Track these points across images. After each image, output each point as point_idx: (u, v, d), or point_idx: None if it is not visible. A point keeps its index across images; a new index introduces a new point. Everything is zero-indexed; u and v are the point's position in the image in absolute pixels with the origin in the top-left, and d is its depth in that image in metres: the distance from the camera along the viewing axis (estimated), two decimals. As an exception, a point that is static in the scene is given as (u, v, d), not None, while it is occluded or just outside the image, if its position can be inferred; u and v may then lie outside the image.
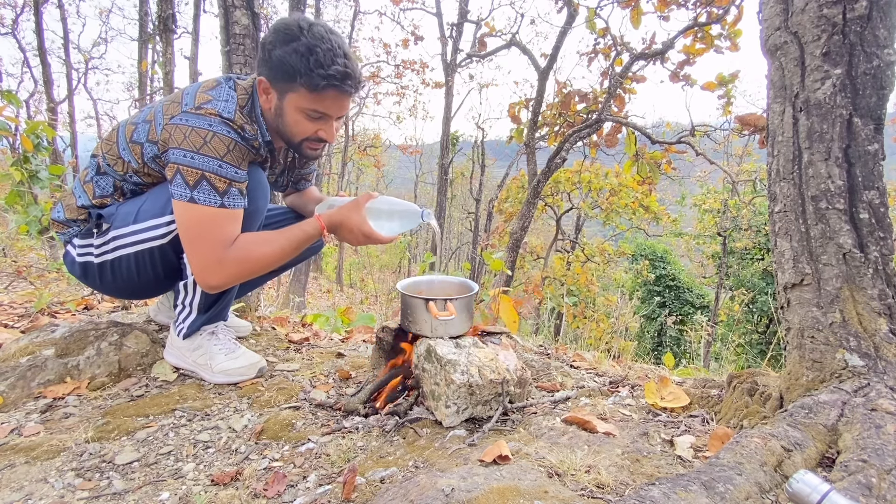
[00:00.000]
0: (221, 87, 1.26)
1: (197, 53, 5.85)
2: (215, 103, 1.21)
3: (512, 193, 12.07)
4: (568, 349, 2.21)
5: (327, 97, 1.22)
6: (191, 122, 1.19)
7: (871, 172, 1.03)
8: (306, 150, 1.35)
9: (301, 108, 1.24)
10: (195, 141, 1.18)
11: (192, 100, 1.22)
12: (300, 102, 1.23)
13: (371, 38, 32.49)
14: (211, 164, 1.18)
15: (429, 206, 8.52)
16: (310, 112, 1.24)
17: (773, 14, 1.14)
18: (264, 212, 1.41)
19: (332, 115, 1.28)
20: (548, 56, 5.26)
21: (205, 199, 1.19)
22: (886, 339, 1.00)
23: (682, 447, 1.04)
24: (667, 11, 3.97)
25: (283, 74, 1.20)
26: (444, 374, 1.21)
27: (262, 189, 1.36)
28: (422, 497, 0.79)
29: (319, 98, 1.22)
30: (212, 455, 1.11)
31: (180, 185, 1.19)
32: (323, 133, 1.30)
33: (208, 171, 1.18)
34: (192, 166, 1.18)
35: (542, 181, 4.56)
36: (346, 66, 1.19)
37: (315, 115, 1.25)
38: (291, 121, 1.27)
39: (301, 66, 1.16)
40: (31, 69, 12.44)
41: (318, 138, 1.31)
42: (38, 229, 2.29)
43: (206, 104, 1.20)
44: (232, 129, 1.20)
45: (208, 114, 1.19)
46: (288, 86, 1.22)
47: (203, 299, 1.41)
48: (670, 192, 14.97)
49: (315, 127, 1.28)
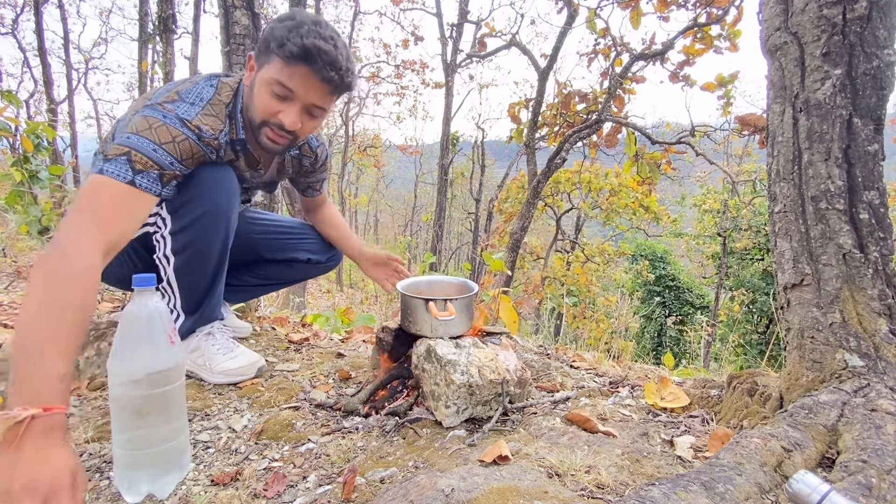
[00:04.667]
0: (196, 87, 1.21)
1: (197, 53, 5.85)
2: (178, 104, 1.17)
3: (512, 193, 12.08)
4: (568, 349, 2.21)
5: (297, 72, 1.13)
6: (146, 112, 1.13)
7: (871, 173, 1.03)
8: (264, 137, 1.23)
9: (268, 81, 1.16)
10: (140, 125, 1.11)
11: (160, 96, 1.18)
12: (270, 72, 1.15)
13: (371, 39, 32.56)
14: (144, 145, 1.09)
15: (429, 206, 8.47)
16: (275, 86, 1.15)
17: (773, 14, 1.14)
18: (229, 214, 1.31)
19: (298, 94, 1.17)
20: (548, 56, 5.26)
21: (114, 171, 1.05)
22: (886, 339, 1.00)
23: (682, 447, 1.04)
24: (666, 12, 3.97)
25: (265, 44, 1.15)
26: (444, 375, 1.21)
27: (224, 187, 1.28)
28: (422, 497, 0.79)
29: (289, 71, 1.13)
30: (212, 455, 1.11)
31: (98, 161, 1.09)
32: (282, 116, 1.18)
33: (136, 150, 1.07)
34: (123, 144, 1.08)
35: (542, 181, 4.56)
36: (326, 47, 1.11)
37: (280, 92, 1.16)
38: (257, 95, 1.19)
39: (281, 34, 1.11)
40: (31, 69, 12.46)
41: (278, 123, 1.20)
42: (38, 229, 2.29)
43: (169, 103, 1.16)
44: (185, 127, 1.15)
45: (166, 110, 1.14)
46: (266, 56, 1.15)
47: (186, 300, 1.39)
48: (670, 193, 14.99)
49: (278, 107, 1.18)
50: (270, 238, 1.66)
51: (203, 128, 1.18)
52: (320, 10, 12.70)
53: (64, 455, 0.76)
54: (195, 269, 1.35)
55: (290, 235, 1.70)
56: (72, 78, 12.62)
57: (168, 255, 1.32)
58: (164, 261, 1.33)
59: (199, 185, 1.24)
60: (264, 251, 1.67)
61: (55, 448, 0.76)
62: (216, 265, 1.37)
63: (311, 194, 1.71)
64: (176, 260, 1.32)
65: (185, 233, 1.28)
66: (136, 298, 0.92)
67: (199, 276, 1.36)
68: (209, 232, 1.30)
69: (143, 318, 0.91)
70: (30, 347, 0.80)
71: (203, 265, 1.35)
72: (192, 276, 1.36)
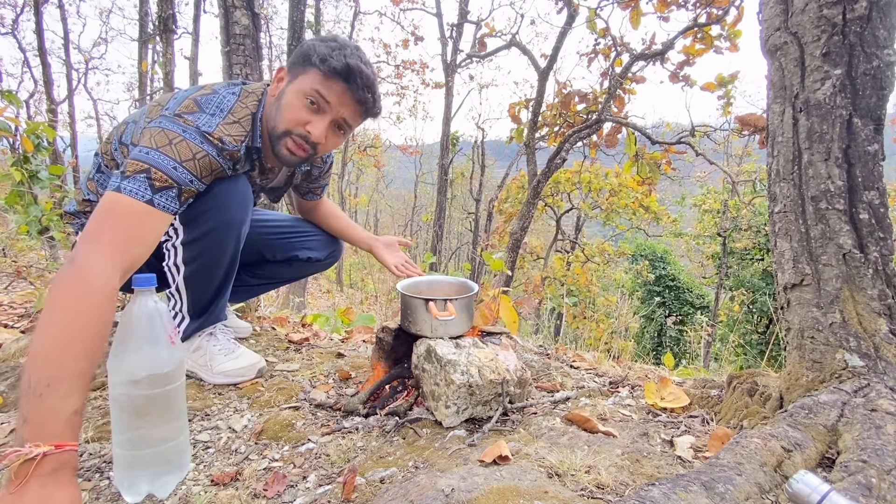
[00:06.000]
0: (215, 96, 1.19)
1: (197, 54, 5.86)
2: (198, 116, 1.13)
3: (512, 194, 12.08)
4: (568, 349, 2.21)
5: (335, 87, 1.18)
6: (164, 124, 1.10)
7: (871, 173, 1.03)
8: (283, 148, 1.23)
9: (304, 90, 1.18)
10: (160, 140, 1.08)
11: (177, 105, 1.15)
12: (306, 82, 1.18)
13: (371, 39, 32.48)
14: (164, 163, 1.07)
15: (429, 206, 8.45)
16: (312, 95, 1.18)
17: (773, 14, 1.14)
18: (241, 226, 1.31)
19: (333, 105, 1.20)
20: (548, 56, 5.26)
21: (134, 189, 1.03)
22: (886, 339, 1.00)
23: (682, 447, 1.04)
24: (666, 12, 3.97)
25: (303, 57, 1.19)
26: (444, 375, 1.21)
27: (238, 199, 1.27)
28: (422, 497, 0.79)
29: (327, 83, 1.18)
30: (212, 455, 1.11)
31: (116, 177, 1.05)
32: (311, 127, 1.20)
33: (156, 168, 1.05)
34: (142, 160, 1.05)
35: (542, 181, 4.56)
36: (366, 71, 1.19)
37: (313, 102, 1.19)
38: (286, 103, 1.21)
39: (323, 49, 1.17)
40: (31, 69, 12.45)
41: (303, 134, 1.21)
42: (38, 229, 2.29)
43: (189, 114, 1.13)
44: (206, 141, 1.12)
45: (186, 123, 1.11)
46: (303, 68, 1.19)
47: (192, 305, 1.40)
48: (670, 193, 14.98)
49: (308, 118, 1.20)
50: (273, 238, 1.66)
51: (225, 139, 1.15)
52: (320, 10, 12.69)
53: (67, 494, 0.77)
54: (205, 278, 1.35)
55: (292, 235, 1.70)
56: (72, 78, 12.63)
57: (178, 264, 1.31)
58: (174, 270, 1.33)
59: (214, 197, 1.22)
60: (267, 252, 1.67)
61: (60, 487, 0.76)
62: (225, 274, 1.37)
63: (311, 198, 1.71)
64: (186, 269, 1.32)
65: (198, 244, 1.28)
66: (136, 299, 0.92)
67: (208, 284, 1.37)
68: (221, 244, 1.29)
69: (144, 319, 0.91)
70: (42, 382, 0.79)
71: (213, 274, 1.35)
72: (201, 285, 1.37)
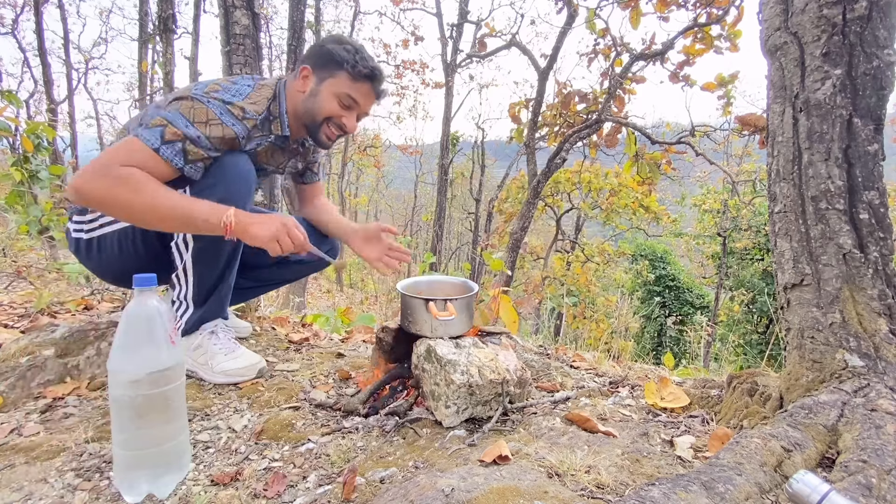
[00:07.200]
0: (235, 85, 1.33)
1: (197, 53, 5.86)
2: (223, 92, 1.28)
3: (512, 193, 12.08)
4: (568, 349, 2.21)
5: (362, 88, 1.39)
6: (190, 97, 1.24)
7: (871, 173, 1.03)
8: (322, 134, 1.43)
9: (337, 93, 1.38)
10: (182, 107, 1.23)
11: (201, 89, 1.28)
12: (339, 86, 1.38)
13: (371, 39, 32.51)
14: (178, 120, 1.21)
15: (429, 206, 8.49)
16: (344, 97, 1.38)
17: (773, 14, 1.14)
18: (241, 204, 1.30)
19: (361, 105, 1.42)
20: (548, 56, 5.27)
21: (146, 136, 1.18)
22: (886, 339, 1.00)
23: (682, 447, 1.04)
24: (666, 12, 3.98)
25: (330, 63, 1.37)
26: (444, 375, 1.21)
27: (242, 177, 1.31)
28: (422, 497, 0.79)
29: (356, 86, 1.38)
30: (212, 455, 1.11)
31: (136, 127, 1.22)
32: (346, 120, 1.42)
33: (172, 123, 1.20)
34: (163, 117, 1.21)
35: (542, 181, 4.56)
36: (383, 71, 1.43)
37: (347, 103, 1.39)
38: (324, 98, 1.39)
39: (349, 58, 1.36)
40: (31, 69, 12.44)
41: (339, 124, 1.42)
42: (38, 229, 2.29)
43: (214, 92, 1.27)
44: (226, 112, 1.26)
45: (210, 97, 1.25)
46: (330, 73, 1.37)
47: (196, 292, 1.41)
48: (670, 193, 14.97)
49: (342, 113, 1.41)
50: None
51: (247, 108, 1.31)
52: (320, 9, 12.69)
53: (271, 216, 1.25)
54: (210, 257, 1.38)
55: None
56: (72, 78, 12.60)
57: (188, 240, 1.36)
58: (183, 246, 1.36)
59: (222, 171, 1.31)
60: (262, 253, 1.67)
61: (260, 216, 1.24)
62: (229, 255, 1.40)
63: (310, 178, 1.73)
64: (194, 246, 1.35)
65: None
66: (136, 298, 0.92)
67: (213, 264, 1.39)
68: None
69: (144, 318, 0.91)
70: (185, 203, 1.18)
71: (217, 253, 1.38)
72: (206, 265, 1.39)
